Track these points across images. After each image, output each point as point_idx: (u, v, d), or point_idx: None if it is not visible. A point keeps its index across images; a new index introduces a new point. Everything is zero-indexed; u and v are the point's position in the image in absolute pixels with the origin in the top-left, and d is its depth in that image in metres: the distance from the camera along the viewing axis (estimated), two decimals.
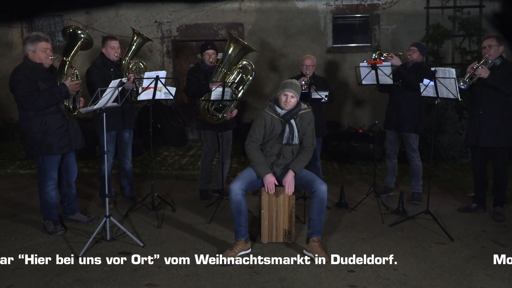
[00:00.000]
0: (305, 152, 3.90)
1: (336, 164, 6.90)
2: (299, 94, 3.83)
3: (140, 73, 4.72)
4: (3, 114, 8.63)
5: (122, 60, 4.69)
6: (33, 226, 4.34)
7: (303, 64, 4.97)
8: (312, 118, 3.91)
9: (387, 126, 5.13)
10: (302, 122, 3.86)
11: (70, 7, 2.91)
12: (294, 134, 3.83)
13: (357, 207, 4.83)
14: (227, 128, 4.98)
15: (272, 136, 3.86)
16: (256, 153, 3.85)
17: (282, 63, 8.30)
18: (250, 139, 3.89)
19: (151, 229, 4.31)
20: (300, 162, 3.87)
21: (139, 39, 4.81)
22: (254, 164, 3.85)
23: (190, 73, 4.98)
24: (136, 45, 4.82)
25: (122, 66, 4.68)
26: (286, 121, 3.81)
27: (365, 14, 8.27)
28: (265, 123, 3.84)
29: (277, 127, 3.84)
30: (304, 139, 3.91)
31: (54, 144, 3.99)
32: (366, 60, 4.80)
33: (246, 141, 3.91)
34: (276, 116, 3.84)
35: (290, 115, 3.80)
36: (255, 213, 4.56)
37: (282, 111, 3.82)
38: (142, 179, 6.04)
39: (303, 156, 3.89)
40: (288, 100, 3.75)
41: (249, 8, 8.28)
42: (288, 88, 3.75)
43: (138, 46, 4.84)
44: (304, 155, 3.90)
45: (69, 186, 4.34)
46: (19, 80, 3.82)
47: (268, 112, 3.87)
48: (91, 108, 3.83)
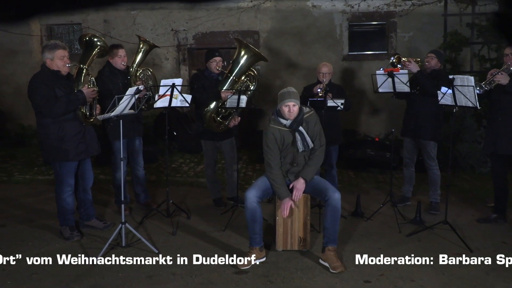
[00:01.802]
0: (314, 156, 3.87)
1: (352, 173, 6.85)
2: (298, 99, 3.78)
3: (148, 81, 4.76)
4: (22, 121, 8.80)
5: (130, 68, 4.73)
6: (50, 231, 4.39)
7: (319, 72, 4.96)
8: (316, 119, 3.88)
9: (405, 134, 5.08)
10: (309, 125, 3.83)
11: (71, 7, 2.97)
12: (306, 140, 3.80)
13: (373, 216, 4.78)
14: (227, 136, 4.97)
15: (284, 147, 3.84)
16: (277, 177, 3.81)
17: (297, 71, 8.30)
18: (269, 167, 3.81)
19: (166, 236, 4.32)
20: (310, 168, 3.85)
21: (146, 46, 4.81)
22: (275, 185, 3.81)
23: (195, 80, 4.95)
24: (143, 52, 4.81)
25: (130, 74, 4.71)
26: (294, 130, 3.79)
27: (382, 21, 8.24)
28: (275, 138, 3.81)
29: (287, 138, 3.81)
30: (313, 141, 3.86)
31: (70, 150, 4.05)
32: (382, 68, 4.76)
33: (266, 168, 3.87)
34: (283, 128, 3.81)
35: (297, 123, 3.77)
36: (270, 221, 4.54)
37: (288, 121, 3.78)
38: (157, 186, 6.08)
39: (313, 161, 3.87)
40: (291, 110, 3.71)
41: (264, 16, 8.32)
42: (287, 99, 3.69)
43: (145, 53, 4.82)
44: (314, 160, 3.87)
45: (85, 192, 4.40)
46: (37, 87, 3.90)
47: (274, 126, 3.82)
48: (108, 115, 3.88)
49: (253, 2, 8.25)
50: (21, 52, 8.85)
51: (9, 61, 8.93)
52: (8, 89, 8.98)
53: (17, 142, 8.61)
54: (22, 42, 8.79)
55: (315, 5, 8.19)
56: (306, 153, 3.87)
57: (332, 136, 4.80)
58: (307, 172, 3.83)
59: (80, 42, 4.34)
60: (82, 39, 4.28)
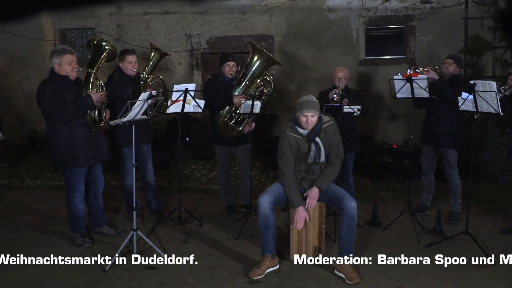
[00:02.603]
0: (331, 166, 3.86)
1: (369, 181, 6.80)
2: (318, 110, 3.74)
3: (158, 88, 4.80)
4: (34, 126, 8.94)
5: (140, 75, 4.77)
6: (61, 238, 4.45)
7: (335, 77, 4.96)
8: (336, 129, 3.86)
9: (424, 141, 5.04)
10: (327, 136, 3.80)
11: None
12: (320, 152, 3.78)
13: (391, 226, 4.73)
14: (242, 142, 4.98)
15: (299, 155, 3.83)
16: (291, 184, 3.80)
17: (313, 76, 8.29)
18: (283, 174, 3.80)
19: (178, 243, 4.34)
20: (326, 177, 3.83)
21: (157, 54, 4.89)
22: (289, 192, 3.80)
23: (208, 85, 5.00)
24: (154, 60, 4.88)
25: (140, 81, 4.75)
26: (310, 140, 3.77)
27: (400, 25, 8.19)
28: (291, 146, 3.80)
29: (303, 147, 3.80)
30: (330, 152, 3.86)
31: (80, 156, 4.10)
32: (400, 73, 4.74)
33: (280, 175, 3.86)
34: (300, 136, 3.80)
35: (314, 133, 3.75)
36: (283, 229, 4.53)
37: (305, 131, 3.76)
38: (169, 192, 6.11)
39: (329, 171, 3.85)
40: (309, 121, 3.69)
41: (279, 20, 8.35)
42: (306, 109, 3.66)
43: (156, 61, 4.90)
44: (330, 170, 3.85)
45: (96, 199, 4.44)
46: (45, 93, 3.97)
47: (290, 134, 3.81)
48: (121, 120, 3.92)
49: (268, 6, 8.28)
50: (34, 57, 9.02)
51: (23, 66, 9.11)
52: (21, 94, 9.15)
53: (30, 147, 8.76)
54: (35, 47, 8.96)
55: (331, 8, 8.19)
56: (322, 163, 3.86)
57: (349, 143, 4.77)
58: (322, 181, 3.82)
59: (88, 47, 4.40)
60: (91, 44, 4.35)
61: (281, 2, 8.22)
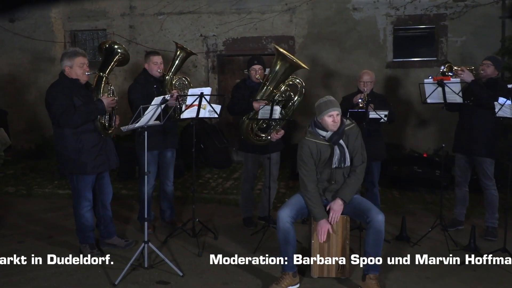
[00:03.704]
0: (354, 174, 3.83)
1: (397, 192, 6.74)
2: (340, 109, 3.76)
3: (183, 90, 4.85)
4: (43, 131, 9.11)
5: (165, 76, 4.85)
6: (69, 249, 4.50)
7: (360, 80, 4.94)
8: (358, 132, 3.84)
9: (457, 149, 4.98)
10: (349, 139, 3.79)
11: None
12: (345, 155, 3.77)
13: (421, 241, 4.67)
14: (272, 150, 4.96)
15: (321, 162, 3.82)
16: (313, 196, 3.78)
17: (336, 79, 8.27)
18: (304, 184, 3.78)
19: (191, 257, 4.36)
20: (349, 187, 3.80)
21: (183, 53, 4.95)
22: (310, 204, 3.78)
23: (235, 90, 5.07)
24: (180, 60, 4.95)
25: (165, 82, 4.83)
26: (334, 143, 3.75)
27: (430, 25, 8.13)
28: (311, 152, 3.79)
29: (324, 152, 3.78)
30: (353, 156, 3.83)
31: (88, 163, 4.14)
32: (431, 76, 4.69)
33: (301, 186, 3.85)
34: (321, 141, 3.78)
35: (338, 136, 3.73)
36: (304, 243, 4.50)
37: (328, 134, 3.74)
38: (183, 202, 6.15)
39: (351, 180, 3.82)
40: (335, 120, 3.67)
41: (300, 20, 8.37)
42: (331, 108, 3.66)
43: (181, 60, 4.97)
44: (353, 179, 3.82)
45: (104, 208, 4.49)
46: (55, 96, 4.03)
47: (310, 139, 3.80)
48: (133, 126, 3.96)
49: (288, 5, 8.31)
50: (44, 60, 9.22)
51: (32, 68, 9.32)
52: (29, 98, 9.34)
53: (38, 153, 8.92)
54: (45, 49, 9.17)
55: (356, 7, 8.18)
56: (345, 169, 3.83)
57: (375, 151, 4.74)
58: (346, 192, 3.79)
59: (100, 50, 4.48)
60: (102, 47, 4.42)
61: (302, 1, 8.25)
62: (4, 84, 9.45)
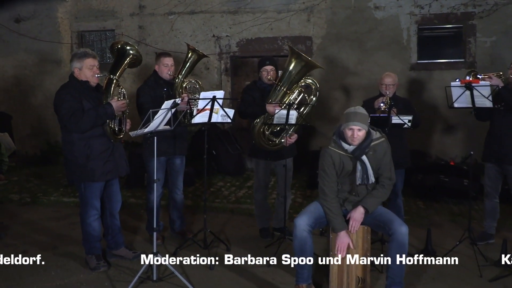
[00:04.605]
0: (381, 188, 3.82)
1: (422, 203, 6.68)
2: (367, 124, 3.69)
3: (194, 93, 4.88)
4: (48, 137, 9.24)
5: (176, 78, 4.89)
6: (75, 260, 4.55)
7: (382, 83, 4.93)
8: (387, 148, 3.81)
9: (487, 158, 4.93)
10: (376, 154, 3.75)
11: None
12: (368, 173, 3.74)
13: (448, 255, 4.61)
14: (284, 156, 4.95)
15: (343, 174, 3.81)
16: (333, 206, 3.77)
17: (356, 82, 8.26)
18: (324, 194, 3.78)
19: (202, 270, 4.36)
20: (374, 199, 3.78)
21: (194, 56, 4.99)
22: (330, 214, 3.77)
23: (245, 91, 5.07)
24: (191, 62, 4.99)
25: (175, 85, 4.87)
26: (356, 157, 3.74)
27: (458, 24, 8.08)
28: (334, 163, 3.78)
29: (347, 164, 3.77)
30: (380, 174, 3.82)
31: (97, 169, 4.18)
32: (458, 79, 4.66)
33: (320, 195, 3.85)
34: (344, 153, 3.77)
35: (360, 151, 3.71)
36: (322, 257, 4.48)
37: (350, 147, 3.73)
38: (194, 212, 6.17)
39: (379, 192, 3.81)
40: (355, 135, 3.65)
41: (318, 19, 8.39)
42: (352, 121, 3.63)
43: (193, 63, 5.01)
44: (380, 191, 3.81)
45: (112, 217, 4.52)
46: (64, 99, 4.07)
47: (333, 149, 3.79)
48: (142, 131, 3.99)
49: (306, 4, 8.33)
50: (50, 62, 9.36)
51: (37, 71, 9.46)
52: (34, 101, 9.48)
53: (43, 159, 9.04)
54: (51, 51, 9.31)
55: (377, 6, 8.17)
56: (369, 185, 3.82)
57: (398, 159, 4.69)
58: (369, 202, 3.77)
59: (112, 50, 4.52)
60: (114, 47, 4.47)
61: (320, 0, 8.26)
62: (8, 87, 9.61)
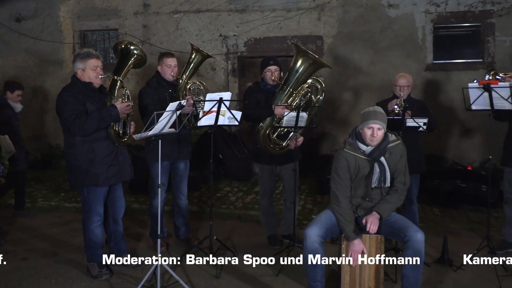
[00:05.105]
0: (395, 193, 3.81)
1: (438, 209, 6.65)
2: (386, 124, 3.71)
3: (199, 95, 4.89)
4: (49, 140, 9.29)
5: (179, 80, 4.89)
6: (76, 268, 4.56)
7: (396, 84, 4.91)
8: (403, 151, 3.81)
9: (506, 162, 4.91)
10: (392, 157, 3.76)
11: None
12: (386, 175, 3.74)
13: (465, 265, 4.58)
14: (290, 160, 4.95)
15: (358, 178, 3.80)
16: (346, 213, 3.76)
17: (369, 84, 8.24)
18: (337, 200, 3.77)
19: (208, 278, 4.36)
20: (388, 205, 3.78)
21: (198, 56, 4.98)
22: (343, 222, 3.75)
23: (248, 93, 5.06)
24: (195, 63, 4.98)
25: (179, 86, 4.87)
26: (374, 159, 3.73)
27: (475, 23, 8.05)
28: (349, 166, 3.77)
29: (363, 167, 3.76)
30: (394, 177, 3.81)
31: (100, 174, 4.19)
32: (476, 80, 4.64)
33: (332, 201, 3.84)
34: (361, 155, 3.76)
35: (379, 152, 3.71)
36: (333, 265, 4.46)
37: (368, 148, 3.73)
38: (199, 218, 6.17)
39: (392, 197, 3.80)
40: (375, 134, 3.65)
41: (330, 18, 8.38)
42: (372, 120, 3.64)
43: (197, 64, 5.00)
44: (394, 197, 3.80)
45: (115, 223, 4.53)
46: (66, 101, 4.09)
47: (349, 152, 3.78)
48: (146, 134, 4.00)
49: (316, 2, 8.33)
50: (51, 62, 9.42)
51: (38, 72, 9.53)
52: (35, 103, 9.53)
53: (44, 163, 9.09)
54: (53, 51, 9.37)
55: (391, 4, 8.16)
56: (384, 189, 3.81)
57: (412, 163, 4.66)
58: (384, 208, 3.76)
59: (115, 51, 4.54)
60: (118, 47, 4.48)
61: None
62: None
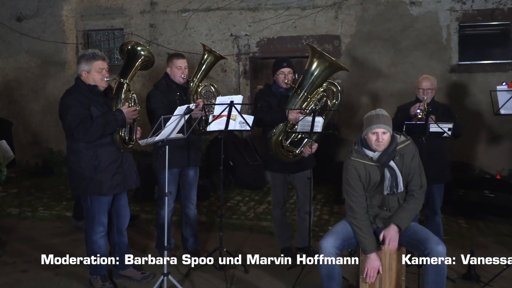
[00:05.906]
0: (412, 198, 3.79)
1: (464, 221, 6.60)
2: (391, 126, 3.71)
3: (210, 99, 4.90)
4: (51, 145, 9.36)
5: (190, 82, 4.92)
6: (78, 281, 4.58)
7: (419, 87, 4.90)
8: (415, 151, 3.80)
9: None
10: (404, 159, 3.75)
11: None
12: (398, 180, 3.73)
13: (494, 281, 4.54)
14: (303, 168, 4.95)
15: (370, 186, 3.79)
16: (363, 224, 3.75)
17: (389, 86, 8.22)
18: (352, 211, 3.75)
19: None
20: (406, 213, 3.76)
21: (211, 57, 5.01)
22: (360, 234, 3.74)
23: (259, 97, 5.06)
24: (207, 65, 5.01)
25: (190, 89, 4.90)
26: (383, 165, 3.73)
27: (504, 21, 8.01)
28: (359, 175, 3.77)
29: (374, 174, 3.76)
30: (409, 180, 3.79)
31: (105, 182, 4.20)
32: (505, 82, 4.62)
33: (347, 213, 3.83)
34: (369, 162, 3.76)
35: (387, 157, 3.70)
36: (351, 280, 4.45)
37: (375, 154, 3.73)
38: (208, 229, 6.18)
39: (410, 204, 3.78)
40: (380, 138, 3.65)
41: (347, 16, 8.38)
42: (375, 124, 3.64)
43: (209, 65, 5.03)
44: (411, 203, 3.78)
45: (120, 234, 4.54)
46: (70, 105, 4.10)
47: (356, 160, 3.78)
48: (152, 139, 4.02)
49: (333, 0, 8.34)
50: (53, 63, 9.52)
51: (40, 73, 9.63)
52: (36, 106, 9.64)
53: (45, 170, 9.16)
54: (55, 52, 9.47)
55: (413, 1, 8.15)
56: (400, 195, 3.79)
57: (436, 172, 4.66)
58: (402, 218, 3.74)
59: (121, 52, 4.56)
60: (124, 48, 4.51)
61: None
62: (9, 90, 9.79)
